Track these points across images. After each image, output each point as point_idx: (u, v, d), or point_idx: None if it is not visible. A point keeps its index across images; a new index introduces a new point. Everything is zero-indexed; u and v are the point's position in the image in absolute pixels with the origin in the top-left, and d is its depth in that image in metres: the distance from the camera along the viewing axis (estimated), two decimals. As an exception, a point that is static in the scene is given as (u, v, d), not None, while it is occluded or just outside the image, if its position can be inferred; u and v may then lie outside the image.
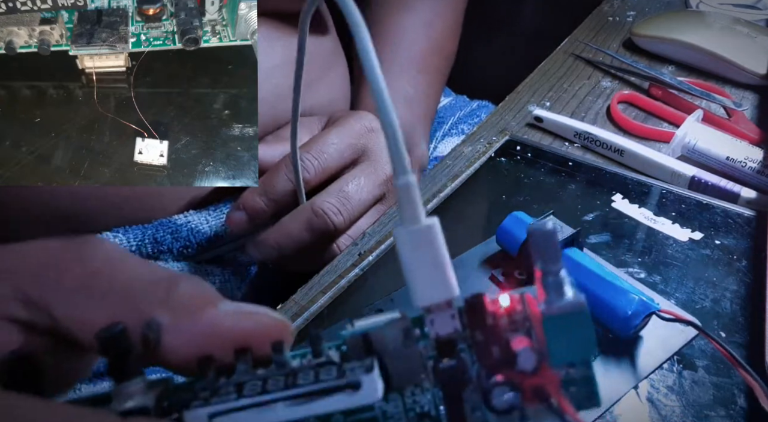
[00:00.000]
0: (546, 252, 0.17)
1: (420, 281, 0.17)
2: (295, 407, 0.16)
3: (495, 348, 0.17)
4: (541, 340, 0.17)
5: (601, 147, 0.45)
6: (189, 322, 0.18)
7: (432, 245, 0.17)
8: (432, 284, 0.17)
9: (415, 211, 0.17)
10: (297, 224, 0.37)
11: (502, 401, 0.17)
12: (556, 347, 0.17)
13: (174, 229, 0.37)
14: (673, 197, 0.40)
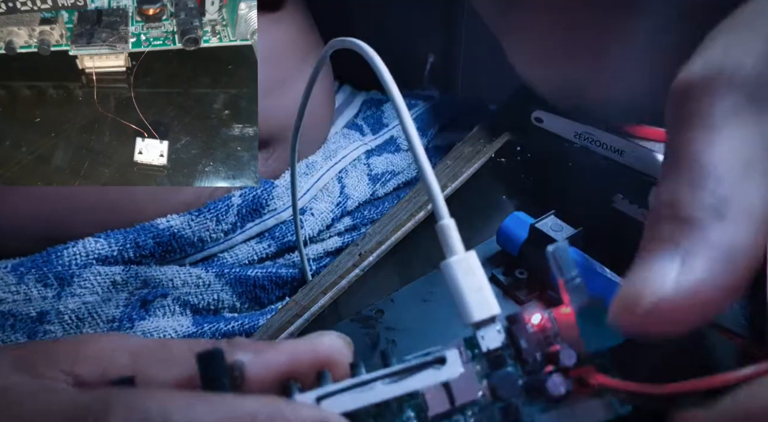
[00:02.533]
0: (563, 265, 0.22)
1: (468, 303, 0.21)
2: (392, 385, 0.19)
3: (538, 353, 0.21)
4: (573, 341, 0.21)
5: (601, 147, 0.44)
6: (271, 352, 0.20)
7: (474, 271, 0.21)
8: (479, 304, 0.20)
9: (457, 245, 0.21)
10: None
11: (557, 387, 0.20)
12: (590, 336, 0.21)
13: (156, 233, 0.36)
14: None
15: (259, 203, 0.40)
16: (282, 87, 0.43)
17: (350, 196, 0.43)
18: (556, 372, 0.20)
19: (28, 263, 0.34)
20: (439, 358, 0.20)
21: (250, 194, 0.39)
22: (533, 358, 0.21)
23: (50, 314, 0.34)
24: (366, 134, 0.48)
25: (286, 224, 0.41)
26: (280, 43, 0.43)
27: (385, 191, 0.45)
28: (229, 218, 0.39)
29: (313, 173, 0.43)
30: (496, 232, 0.36)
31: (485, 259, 0.37)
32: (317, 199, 0.42)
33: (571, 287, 0.21)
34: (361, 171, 0.45)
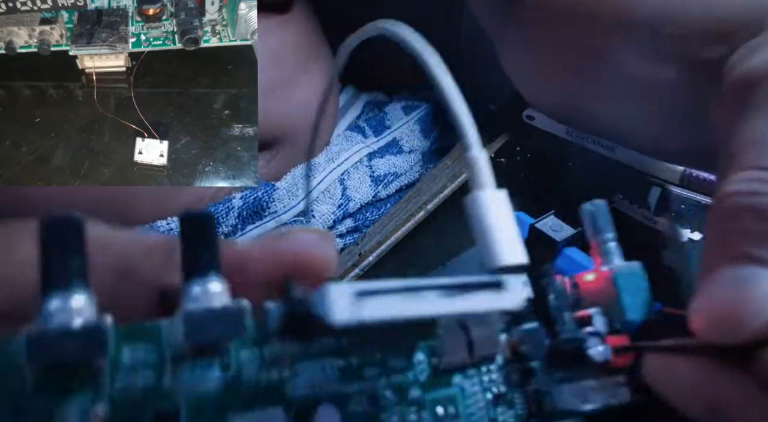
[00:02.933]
0: (600, 224, 0.20)
1: (497, 243, 0.17)
2: (445, 299, 0.15)
3: (567, 312, 0.18)
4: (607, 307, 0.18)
5: (593, 144, 0.44)
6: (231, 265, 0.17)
7: (506, 211, 0.18)
8: (508, 248, 0.17)
9: (488, 178, 0.19)
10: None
11: (598, 352, 0.18)
12: (629, 301, 0.18)
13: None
14: (672, 197, 0.40)
15: (259, 206, 0.40)
16: (286, 89, 0.43)
17: (352, 198, 0.43)
18: (592, 334, 0.18)
19: None
20: (498, 282, 0.16)
21: (251, 196, 0.39)
22: (561, 317, 0.18)
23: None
24: (368, 136, 0.48)
25: (286, 227, 0.41)
26: (285, 45, 0.43)
27: (387, 193, 0.45)
28: (230, 220, 0.39)
29: (315, 175, 0.43)
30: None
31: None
32: (319, 201, 0.42)
33: (605, 250, 0.19)
34: (363, 173, 0.45)
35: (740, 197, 0.19)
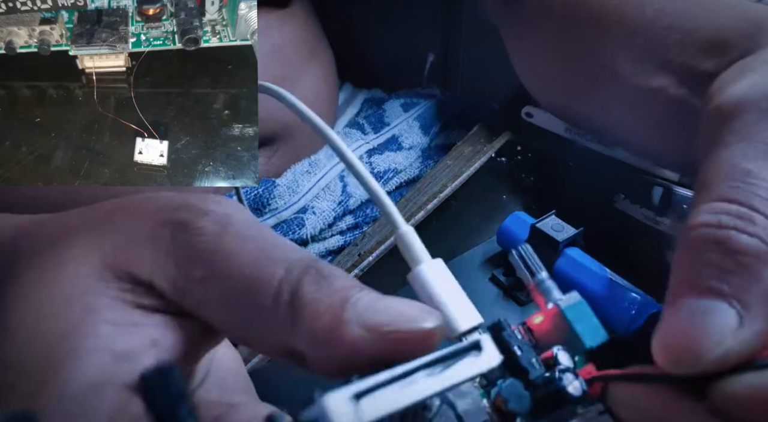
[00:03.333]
0: (532, 265, 0.20)
1: (450, 313, 0.19)
2: (434, 377, 0.16)
3: (534, 358, 0.19)
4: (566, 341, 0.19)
5: (591, 142, 0.44)
6: (328, 352, 0.18)
7: (446, 278, 0.19)
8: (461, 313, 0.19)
9: (422, 252, 0.20)
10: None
11: (575, 387, 0.18)
12: (583, 329, 0.19)
13: None
14: (675, 197, 0.40)
15: (260, 203, 0.40)
16: (287, 85, 0.43)
17: (352, 194, 0.43)
18: (563, 372, 0.18)
19: None
20: (474, 344, 0.17)
21: (252, 193, 0.40)
22: (531, 365, 0.19)
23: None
24: (368, 133, 0.48)
25: (287, 223, 0.41)
26: (285, 41, 0.43)
27: (387, 190, 0.45)
28: None
29: (316, 172, 0.43)
30: (497, 232, 0.36)
31: (485, 259, 0.37)
32: (319, 198, 0.42)
33: (544, 289, 0.20)
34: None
35: (706, 229, 0.19)
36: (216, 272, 0.19)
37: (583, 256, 0.33)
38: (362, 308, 0.18)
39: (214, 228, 0.19)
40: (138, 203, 0.21)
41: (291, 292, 0.18)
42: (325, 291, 0.18)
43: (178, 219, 0.20)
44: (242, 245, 0.19)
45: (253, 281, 0.19)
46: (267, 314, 0.18)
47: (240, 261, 0.19)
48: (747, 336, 0.18)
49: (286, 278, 0.18)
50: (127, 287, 0.19)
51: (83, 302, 0.19)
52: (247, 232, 0.20)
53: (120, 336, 0.18)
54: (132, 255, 0.19)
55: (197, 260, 0.19)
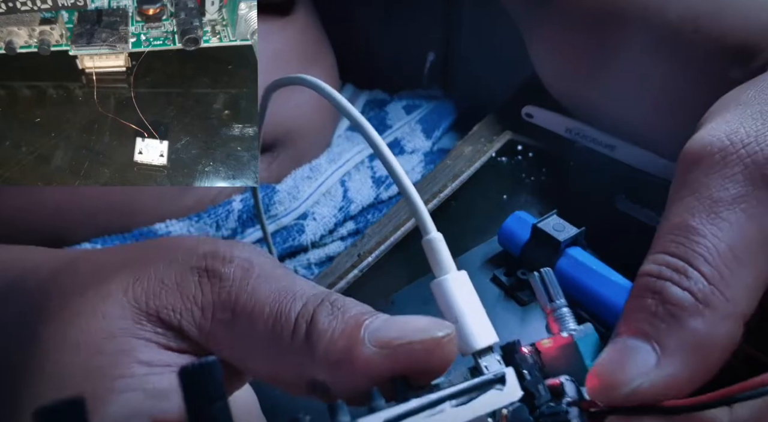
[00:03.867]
0: (552, 290, 0.21)
1: (468, 329, 0.19)
2: (461, 408, 0.17)
3: (540, 385, 0.19)
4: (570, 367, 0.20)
5: (593, 143, 0.44)
6: (346, 375, 0.19)
7: (469, 292, 0.19)
8: (478, 330, 0.19)
9: (448, 262, 0.20)
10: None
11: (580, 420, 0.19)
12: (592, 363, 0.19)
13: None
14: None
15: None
16: (287, 90, 0.43)
17: (353, 200, 0.43)
18: (570, 405, 0.19)
19: None
20: (498, 377, 0.18)
21: (251, 199, 0.39)
22: (538, 391, 0.19)
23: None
24: None
25: (287, 230, 0.41)
26: (288, 47, 0.43)
27: (389, 195, 0.45)
28: (230, 223, 0.38)
29: (317, 177, 0.43)
30: (498, 232, 0.36)
31: (486, 260, 0.37)
32: (320, 203, 0.42)
33: (558, 315, 0.20)
34: (364, 174, 0.45)
35: (649, 277, 0.21)
36: (238, 315, 0.20)
37: (585, 255, 0.33)
38: (374, 329, 0.19)
39: (237, 274, 0.21)
40: (169, 247, 0.22)
41: (306, 324, 0.19)
42: (338, 319, 0.19)
43: (205, 266, 0.21)
44: (263, 288, 0.20)
45: (272, 321, 0.20)
46: (286, 349, 0.19)
47: (260, 303, 0.20)
48: (659, 376, 0.20)
49: (302, 312, 0.20)
50: (158, 330, 0.20)
51: (118, 342, 0.20)
52: (268, 273, 0.21)
53: (152, 376, 0.20)
54: (162, 300, 0.21)
55: (221, 305, 0.20)
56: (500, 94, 0.51)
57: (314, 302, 0.20)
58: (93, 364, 0.19)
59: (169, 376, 0.20)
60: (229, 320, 0.20)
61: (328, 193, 0.43)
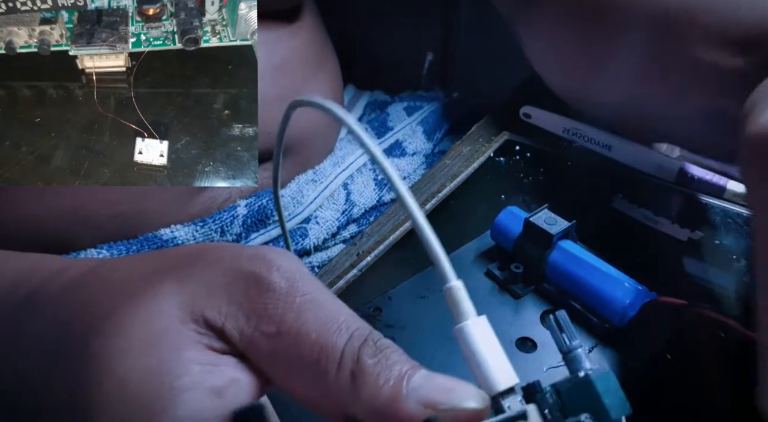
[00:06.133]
0: (567, 332, 0.21)
1: (490, 371, 0.20)
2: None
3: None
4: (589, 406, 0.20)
5: (590, 143, 0.44)
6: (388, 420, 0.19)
7: (489, 336, 0.20)
8: (499, 372, 0.20)
9: (469, 308, 0.20)
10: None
11: None
12: (611, 401, 0.20)
13: (159, 245, 0.36)
14: (672, 196, 0.40)
15: (264, 214, 0.39)
16: (291, 97, 0.42)
17: (356, 203, 0.43)
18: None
19: None
20: (521, 414, 0.19)
21: (256, 204, 0.39)
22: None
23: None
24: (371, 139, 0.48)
25: (291, 234, 0.41)
26: (294, 54, 0.43)
27: (391, 197, 0.45)
28: (234, 228, 0.38)
29: (321, 181, 0.43)
30: (491, 227, 0.36)
31: (479, 254, 0.37)
32: (323, 207, 0.42)
33: (572, 357, 0.21)
34: (367, 177, 0.45)
35: None
36: (284, 332, 0.20)
37: (577, 248, 0.34)
38: (417, 384, 0.20)
39: (282, 284, 0.21)
40: (215, 250, 0.23)
41: (353, 363, 0.20)
42: (383, 364, 0.20)
43: (251, 271, 0.21)
44: (309, 312, 0.21)
45: (318, 347, 0.20)
46: (330, 380, 0.20)
47: (306, 328, 0.20)
48: None
49: (348, 348, 0.20)
50: (202, 330, 0.21)
51: (170, 342, 0.20)
52: (313, 295, 0.21)
53: (207, 374, 0.20)
54: (208, 302, 0.21)
55: (266, 317, 0.21)
56: (498, 94, 0.51)
57: (359, 339, 0.20)
58: (150, 366, 0.19)
59: (221, 374, 0.20)
60: (273, 334, 0.20)
61: (332, 197, 0.43)
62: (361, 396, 0.19)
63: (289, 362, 0.20)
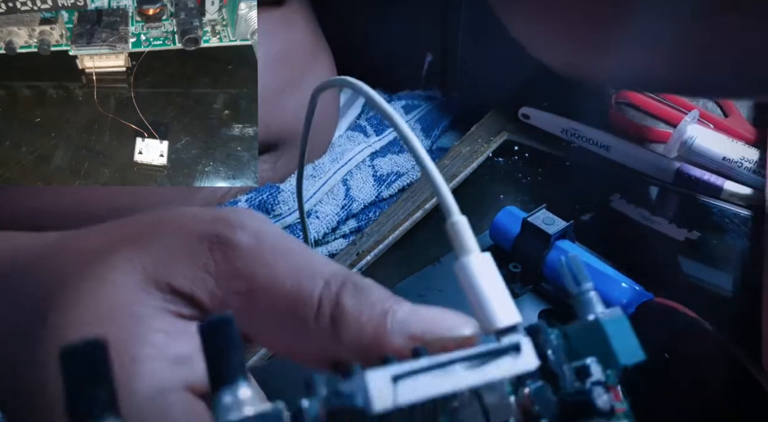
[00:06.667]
0: (580, 275, 0.20)
1: (491, 307, 0.18)
2: (472, 370, 0.16)
3: (566, 365, 0.19)
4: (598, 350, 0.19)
5: (588, 143, 0.45)
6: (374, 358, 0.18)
7: (493, 273, 0.19)
8: (502, 310, 0.18)
9: (472, 243, 0.19)
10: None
11: (604, 401, 0.18)
12: (620, 346, 0.18)
13: None
14: (670, 196, 0.40)
15: (264, 209, 0.40)
16: (289, 89, 0.43)
17: (355, 198, 0.43)
18: (594, 384, 0.18)
19: None
20: (514, 345, 0.17)
21: (256, 199, 0.39)
22: (562, 372, 0.19)
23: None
24: (370, 135, 0.48)
25: (291, 229, 0.41)
26: (286, 44, 0.43)
27: (390, 193, 0.45)
28: None
29: (320, 176, 0.43)
30: (489, 227, 0.36)
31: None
32: (323, 202, 0.42)
33: (585, 299, 0.20)
34: (366, 173, 0.45)
35: None
36: (257, 287, 0.20)
37: (574, 248, 0.34)
38: (402, 318, 0.19)
39: (249, 242, 0.20)
40: (174, 216, 0.22)
41: (332, 306, 0.19)
42: (364, 303, 0.19)
43: (215, 232, 0.20)
44: (280, 260, 0.20)
45: (294, 296, 0.19)
46: (310, 328, 0.19)
47: (279, 276, 0.20)
48: None
49: (326, 292, 0.19)
50: (169, 298, 0.20)
51: (131, 312, 0.19)
52: (282, 246, 0.20)
53: (171, 343, 0.19)
54: (172, 268, 0.20)
55: (236, 275, 0.20)
56: (497, 95, 0.51)
57: (336, 282, 0.19)
58: (110, 337, 0.18)
59: (187, 342, 0.19)
60: (244, 291, 0.20)
61: (331, 192, 0.43)
62: (344, 339, 0.19)
63: (266, 316, 0.20)
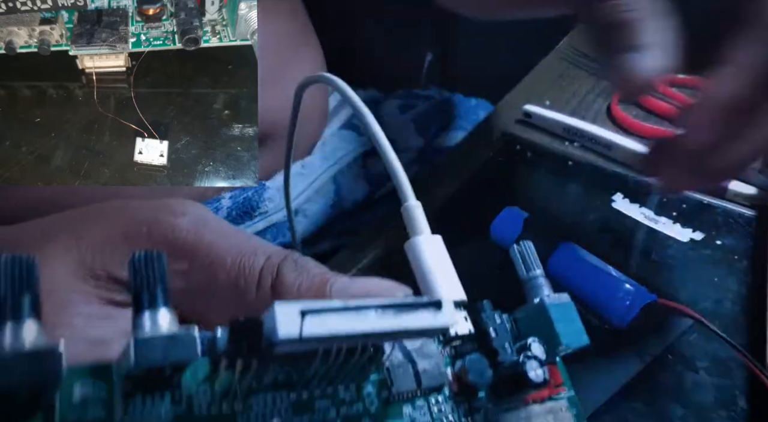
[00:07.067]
0: (529, 262, 0.21)
1: (436, 284, 0.19)
2: (384, 317, 0.16)
3: (507, 342, 0.19)
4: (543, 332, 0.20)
5: (590, 142, 0.44)
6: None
7: (441, 253, 0.20)
8: (447, 287, 0.19)
9: (423, 224, 0.20)
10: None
11: (537, 374, 0.18)
12: (563, 328, 0.19)
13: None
14: (673, 196, 0.40)
15: (249, 206, 0.39)
16: (275, 80, 0.42)
17: (345, 198, 0.43)
18: (531, 358, 0.19)
19: None
20: (435, 302, 0.17)
21: (241, 196, 0.39)
22: (503, 348, 0.19)
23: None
24: (362, 135, 0.48)
25: (277, 227, 0.41)
26: (276, 37, 0.42)
27: (382, 193, 0.45)
28: None
29: (309, 175, 0.43)
30: (490, 227, 0.36)
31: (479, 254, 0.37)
32: (311, 200, 0.42)
33: (536, 284, 0.21)
34: (357, 173, 0.45)
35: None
36: (197, 265, 0.20)
37: (578, 249, 0.34)
38: (340, 287, 0.19)
39: (190, 224, 0.21)
40: (114, 206, 0.22)
41: (272, 278, 0.20)
42: (304, 275, 0.20)
43: (155, 219, 0.21)
44: (221, 239, 0.20)
45: (235, 271, 0.20)
46: (250, 299, 0.20)
47: (221, 252, 0.20)
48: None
49: (266, 265, 0.20)
50: (102, 284, 0.20)
51: (59, 298, 0.20)
52: (224, 229, 0.21)
53: (93, 327, 0.20)
54: (108, 255, 0.21)
55: (175, 257, 0.20)
56: (498, 94, 0.51)
57: (277, 257, 0.20)
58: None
59: (110, 327, 0.20)
60: (185, 271, 0.20)
61: (320, 190, 0.42)
62: None
63: (206, 292, 0.20)
